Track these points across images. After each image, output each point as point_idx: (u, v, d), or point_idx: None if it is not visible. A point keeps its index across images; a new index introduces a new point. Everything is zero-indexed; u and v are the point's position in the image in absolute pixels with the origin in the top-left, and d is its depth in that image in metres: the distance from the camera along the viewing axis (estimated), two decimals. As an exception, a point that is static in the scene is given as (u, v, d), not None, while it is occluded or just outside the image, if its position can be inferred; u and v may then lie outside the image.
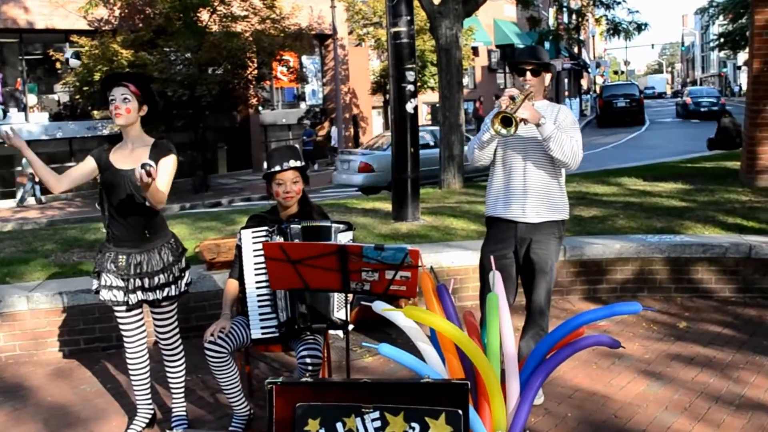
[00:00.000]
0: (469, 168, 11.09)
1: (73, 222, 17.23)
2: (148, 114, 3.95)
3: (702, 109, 36.45)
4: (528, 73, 4.21)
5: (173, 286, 3.99)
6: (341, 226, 4.05)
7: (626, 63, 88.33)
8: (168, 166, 3.88)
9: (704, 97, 37.75)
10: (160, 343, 4.16)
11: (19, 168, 23.17)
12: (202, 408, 4.57)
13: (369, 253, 3.06)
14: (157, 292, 3.94)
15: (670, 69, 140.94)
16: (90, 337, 5.62)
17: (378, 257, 3.07)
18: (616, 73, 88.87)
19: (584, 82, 63.04)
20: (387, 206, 9.66)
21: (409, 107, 8.36)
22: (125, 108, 3.82)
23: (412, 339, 3.16)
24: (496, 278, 3.09)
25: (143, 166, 3.36)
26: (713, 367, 4.92)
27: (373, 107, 36.03)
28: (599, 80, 69.79)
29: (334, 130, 30.45)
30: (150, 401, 4.25)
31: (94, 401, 4.74)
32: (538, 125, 4.01)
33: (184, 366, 4.25)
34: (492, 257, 3.94)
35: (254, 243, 4.00)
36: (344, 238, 4.03)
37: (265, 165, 4.13)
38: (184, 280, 4.07)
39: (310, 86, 32.80)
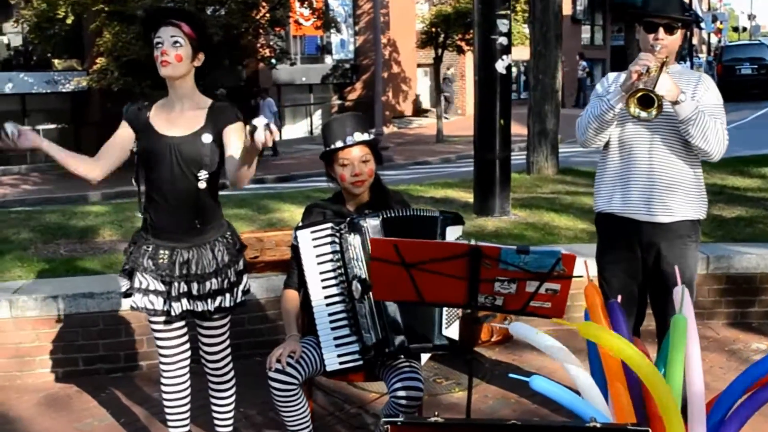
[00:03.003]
0: None
1: (31, 203, 17.33)
2: (204, 66, 3.88)
3: None
4: (661, 30, 4.08)
5: (228, 295, 3.95)
6: (449, 217, 4.00)
7: (750, 17, 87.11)
8: (240, 136, 3.75)
9: None
10: (207, 366, 4.15)
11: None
12: (249, 451, 4.61)
13: (508, 258, 3.03)
14: (208, 301, 3.90)
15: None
16: (91, 355, 5.65)
17: (520, 263, 3.04)
18: (735, 30, 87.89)
19: (695, 41, 62.47)
20: (464, 195, 9.64)
21: (500, 66, 8.34)
22: (175, 54, 3.72)
23: (559, 361, 3.15)
24: (685, 296, 3.06)
25: (254, 128, 3.21)
26: None
27: (419, 65, 35.89)
28: (713, 39, 69.09)
29: (265, 103, 26.77)
30: (188, 439, 4.26)
31: (105, 440, 4.79)
32: (675, 103, 3.92)
33: (234, 396, 4.26)
34: (676, 270, 3.78)
35: (316, 246, 3.96)
36: (452, 234, 3.98)
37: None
38: (242, 287, 4.04)
39: (337, 36, 32.78)
